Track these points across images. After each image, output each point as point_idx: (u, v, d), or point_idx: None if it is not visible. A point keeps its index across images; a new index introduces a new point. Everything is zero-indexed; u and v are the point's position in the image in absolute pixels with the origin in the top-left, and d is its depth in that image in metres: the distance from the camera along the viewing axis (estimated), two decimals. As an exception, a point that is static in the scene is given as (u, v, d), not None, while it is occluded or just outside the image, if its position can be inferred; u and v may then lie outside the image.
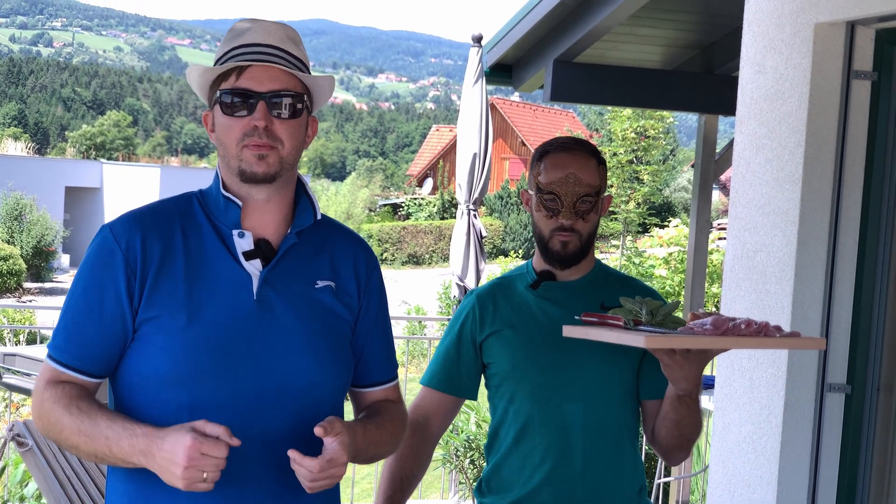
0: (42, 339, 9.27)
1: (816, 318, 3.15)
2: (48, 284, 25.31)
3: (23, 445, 3.75)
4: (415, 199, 37.26)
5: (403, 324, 14.18)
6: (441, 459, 6.31)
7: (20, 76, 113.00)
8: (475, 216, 6.48)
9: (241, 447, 1.68)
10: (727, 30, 5.25)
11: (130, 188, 30.41)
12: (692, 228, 5.98)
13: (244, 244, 1.83)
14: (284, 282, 1.84)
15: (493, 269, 17.41)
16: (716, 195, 28.27)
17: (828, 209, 3.14)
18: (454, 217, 24.70)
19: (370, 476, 7.83)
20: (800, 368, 3.15)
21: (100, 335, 1.79)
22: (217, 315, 1.78)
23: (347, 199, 40.65)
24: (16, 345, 11.02)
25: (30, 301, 21.57)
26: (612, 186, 19.15)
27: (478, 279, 6.52)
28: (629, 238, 19.36)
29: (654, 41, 5.48)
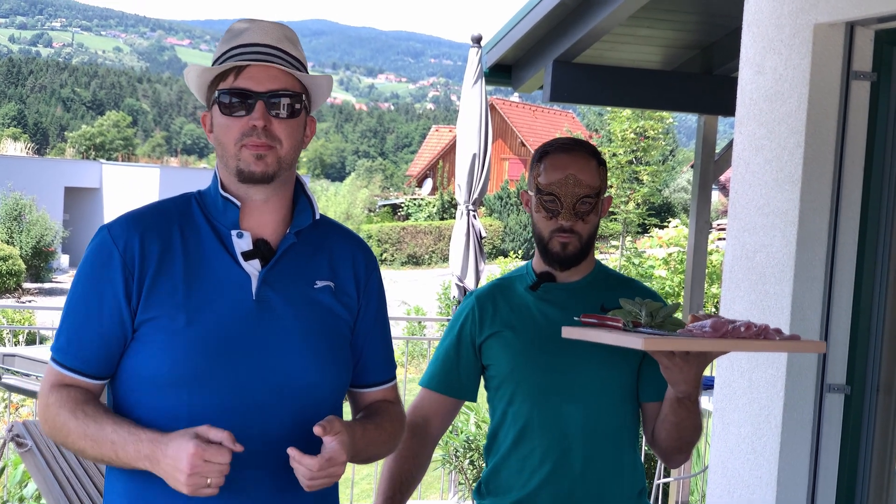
0: (42, 340, 9.27)
1: (816, 319, 3.15)
2: (48, 285, 25.29)
3: (22, 446, 3.75)
4: (414, 200, 37.25)
5: (403, 324, 14.17)
6: (440, 460, 6.31)
7: (19, 76, 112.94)
8: (475, 216, 6.48)
9: (242, 445, 1.68)
10: (727, 30, 5.25)
11: (130, 188, 30.38)
12: (692, 229, 5.98)
13: (243, 244, 1.83)
14: (283, 282, 1.84)
15: (493, 270, 17.40)
16: (715, 196, 28.28)
17: (827, 210, 3.14)
18: (454, 217, 24.69)
19: (369, 477, 7.82)
20: (799, 369, 3.15)
21: (100, 337, 1.79)
22: (216, 315, 1.78)
23: (347, 200, 40.63)
24: (15, 345, 11.02)
25: (29, 301, 21.56)
26: (612, 187, 19.12)
27: (477, 280, 6.52)
28: (629, 238, 19.34)
29: (654, 42, 5.48)
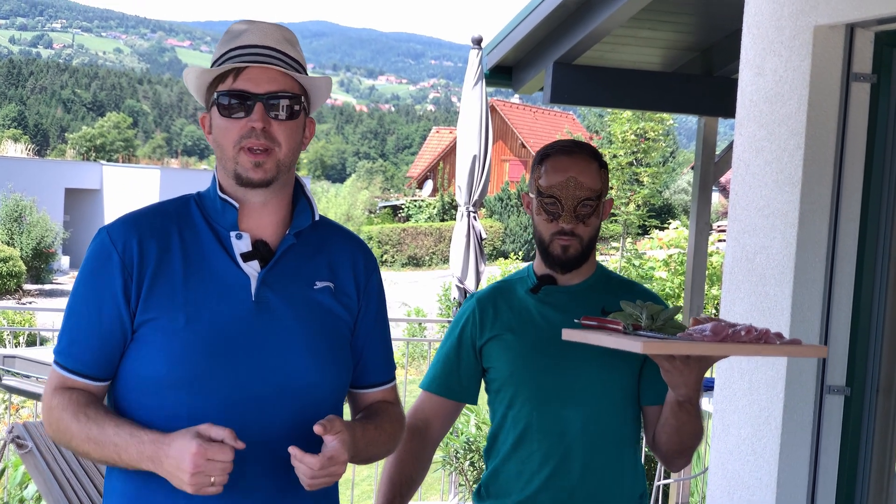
0: (42, 341, 9.26)
1: (816, 321, 3.15)
2: (48, 286, 25.29)
3: (22, 447, 3.75)
4: (415, 201, 37.24)
5: (403, 325, 14.16)
6: (441, 461, 6.30)
7: (20, 78, 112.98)
8: (475, 218, 6.49)
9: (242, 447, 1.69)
10: (727, 32, 5.25)
11: (130, 190, 30.38)
12: (692, 230, 5.98)
13: (242, 246, 1.83)
14: (283, 283, 1.84)
15: (493, 271, 17.41)
16: (715, 197, 28.27)
17: (827, 211, 3.14)
18: (454, 219, 24.70)
19: (370, 478, 7.82)
20: (799, 370, 3.15)
21: (99, 338, 1.79)
22: (215, 316, 1.78)
23: (347, 201, 40.63)
24: (15, 347, 11.02)
25: (30, 303, 21.55)
26: (612, 188, 19.12)
27: (477, 281, 6.52)
28: (629, 240, 19.34)
29: (654, 43, 5.48)
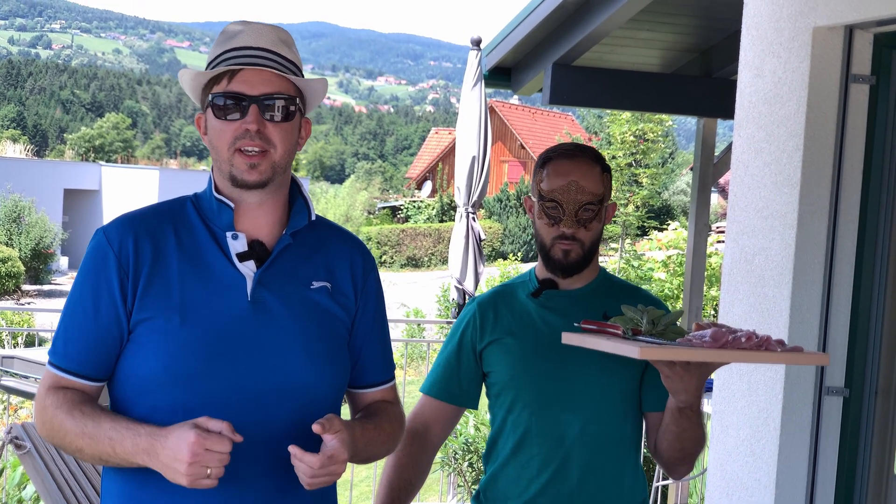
0: (41, 342, 9.25)
1: (814, 322, 3.15)
2: (47, 287, 25.28)
3: (21, 448, 3.75)
4: (414, 202, 37.25)
5: (402, 326, 14.15)
6: (439, 462, 6.30)
7: (19, 78, 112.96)
8: (474, 219, 6.49)
9: (239, 446, 1.69)
10: (726, 33, 5.26)
11: (129, 190, 30.37)
12: (691, 231, 5.98)
13: (238, 246, 1.83)
14: (279, 283, 1.84)
15: (492, 272, 17.39)
16: (714, 198, 28.26)
17: (826, 213, 3.14)
18: (453, 220, 24.67)
19: (368, 479, 7.82)
20: (798, 372, 3.15)
21: (96, 338, 1.79)
22: (211, 316, 1.78)
23: (346, 202, 40.64)
24: (14, 347, 11.01)
25: (28, 303, 21.54)
26: (612, 190, 19.13)
27: (476, 282, 6.53)
28: (628, 241, 19.35)
29: (653, 45, 5.49)
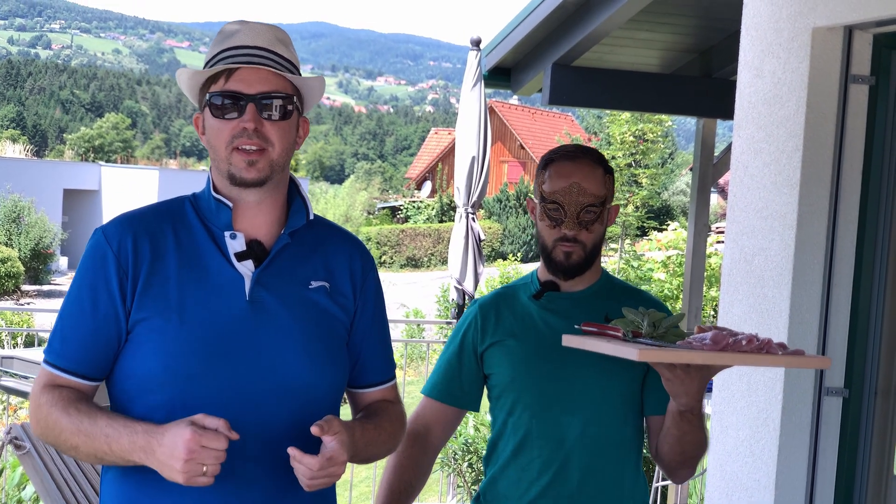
0: (40, 342, 9.24)
1: (814, 322, 3.15)
2: (46, 287, 25.27)
3: (20, 448, 3.75)
4: (413, 202, 37.24)
5: (402, 327, 14.15)
6: (439, 463, 6.30)
7: (18, 78, 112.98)
8: (473, 219, 6.49)
9: (237, 447, 1.69)
10: (725, 34, 5.26)
11: (129, 190, 30.37)
12: (690, 232, 5.98)
13: (236, 245, 1.83)
14: (277, 282, 1.84)
15: (492, 273, 17.40)
16: (714, 199, 28.28)
17: (825, 213, 3.14)
18: (452, 220, 24.67)
19: (368, 479, 7.82)
20: (797, 372, 3.15)
21: (94, 337, 1.79)
22: (209, 316, 1.78)
23: (346, 202, 40.64)
24: (13, 347, 11.01)
25: (28, 304, 21.53)
26: (614, 192, 19.15)
27: (476, 282, 6.53)
28: (627, 241, 19.36)
29: (653, 45, 5.49)
